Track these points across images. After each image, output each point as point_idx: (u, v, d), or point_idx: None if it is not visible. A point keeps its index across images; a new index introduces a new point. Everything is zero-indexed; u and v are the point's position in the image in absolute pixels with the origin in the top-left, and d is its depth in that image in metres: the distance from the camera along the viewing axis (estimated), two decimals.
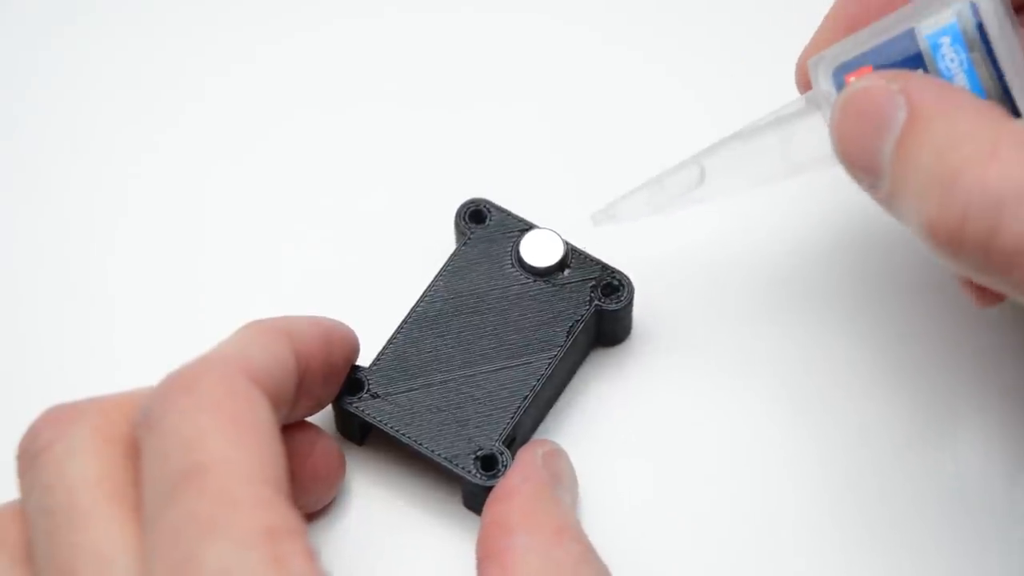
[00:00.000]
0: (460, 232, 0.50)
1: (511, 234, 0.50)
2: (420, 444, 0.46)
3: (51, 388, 0.46)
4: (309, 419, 0.47)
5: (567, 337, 0.48)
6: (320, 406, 0.47)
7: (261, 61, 0.56)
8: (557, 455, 0.47)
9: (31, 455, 0.40)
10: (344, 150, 0.55)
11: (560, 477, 0.47)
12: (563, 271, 0.49)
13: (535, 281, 0.49)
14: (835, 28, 0.45)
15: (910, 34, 0.41)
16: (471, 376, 0.47)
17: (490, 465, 0.46)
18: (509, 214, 0.50)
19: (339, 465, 0.47)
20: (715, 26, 0.57)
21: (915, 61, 0.41)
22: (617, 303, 0.49)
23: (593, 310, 0.48)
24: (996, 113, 0.40)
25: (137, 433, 0.40)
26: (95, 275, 0.52)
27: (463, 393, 0.47)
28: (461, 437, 0.47)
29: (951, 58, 0.41)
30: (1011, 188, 0.38)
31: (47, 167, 0.54)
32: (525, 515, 0.44)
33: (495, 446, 0.46)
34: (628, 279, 0.49)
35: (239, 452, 0.38)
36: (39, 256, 0.53)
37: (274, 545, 0.37)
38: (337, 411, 0.48)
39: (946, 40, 0.41)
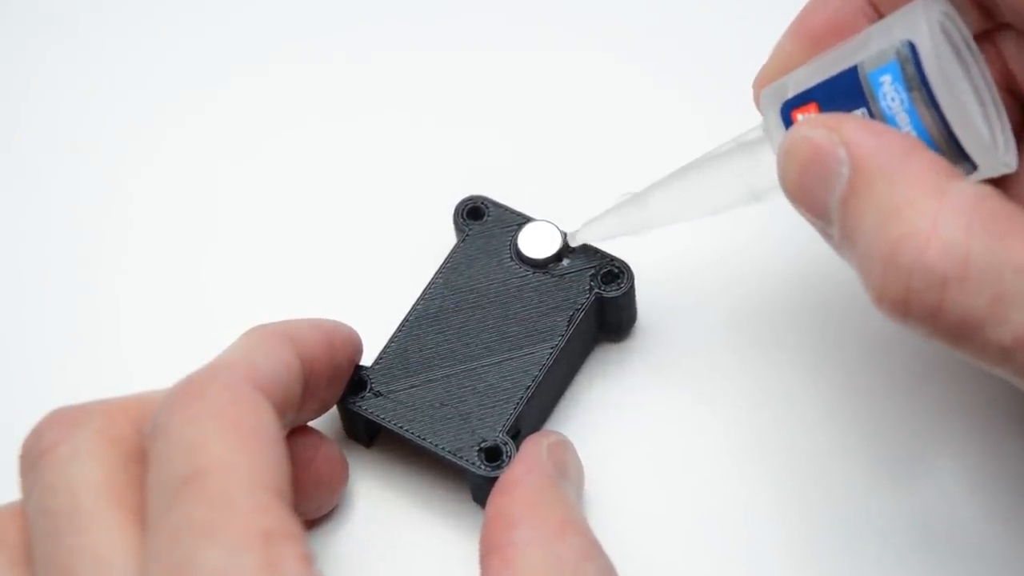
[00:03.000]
0: (459, 229, 0.50)
1: (509, 228, 0.49)
2: (424, 439, 0.46)
3: (55, 389, 0.46)
4: (315, 424, 0.47)
5: (568, 326, 0.48)
6: (325, 408, 0.47)
7: (260, 66, 0.57)
8: (563, 446, 0.47)
9: (34, 456, 0.40)
10: (341, 153, 0.55)
11: (565, 469, 0.46)
12: (562, 261, 0.49)
13: (534, 273, 0.49)
14: (783, 59, 0.45)
15: (854, 72, 0.41)
16: (473, 369, 0.47)
17: (494, 456, 0.46)
18: (507, 209, 0.50)
19: (342, 471, 0.47)
20: (708, 26, 0.57)
21: (859, 98, 0.40)
22: (617, 290, 0.48)
23: (594, 298, 0.48)
24: (939, 171, 0.39)
25: (146, 443, 0.40)
26: (100, 277, 0.53)
27: (466, 387, 0.47)
28: (465, 430, 0.46)
29: (892, 98, 0.40)
30: (952, 266, 0.37)
31: (55, 170, 0.55)
32: (528, 508, 0.43)
33: (499, 437, 0.46)
34: (628, 266, 0.48)
35: (239, 457, 0.39)
36: (45, 257, 0.53)
37: (269, 549, 0.37)
38: (342, 412, 0.48)
39: (887, 79, 0.40)
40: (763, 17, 0.55)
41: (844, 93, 0.41)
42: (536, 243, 0.49)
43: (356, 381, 0.47)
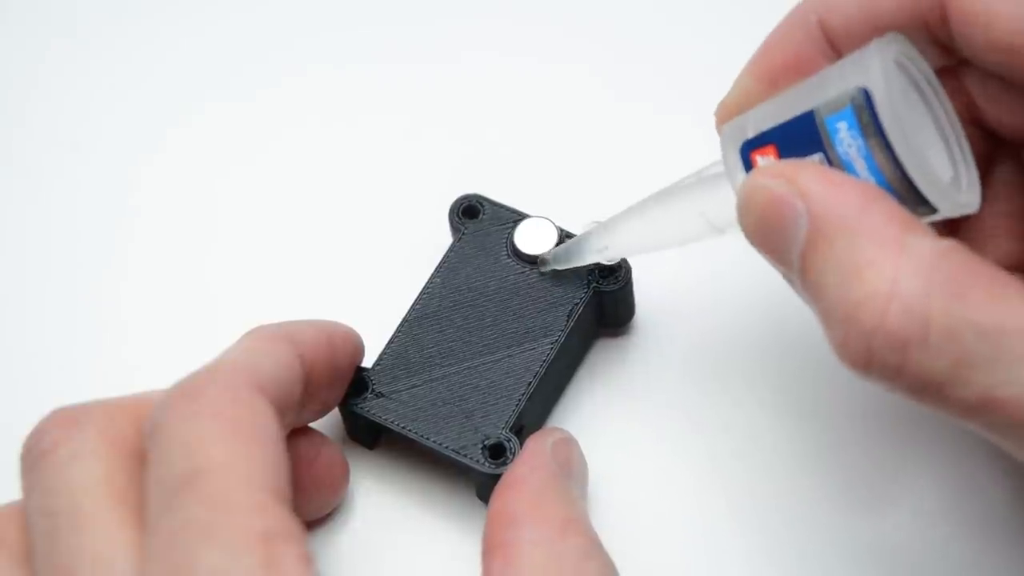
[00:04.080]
0: (455, 228, 0.50)
1: (505, 226, 0.49)
2: (428, 439, 0.46)
3: (56, 389, 0.46)
4: (317, 426, 0.47)
5: (568, 320, 0.48)
6: (327, 409, 0.47)
7: (260, 67, 0.57)
8: (567, 443, 0.47)
9: (35, 456, 0.40)
10: (338, 155, 0.55)
11: (569, 466, 0.46)
12: None
13: (532, 269, 0.49)
14: (742, 95, 0.45)
15: (810, 116, 0.40)
16: (474, 367, 0.47)
17: (498, 453, 0.46)
18: (502, 207, 0.50)
19: (343, 472, 0.47)
20: (706, 28, 0.57)
21: (816, 143, 0.40)
22: (615, 283, 0.48)
23: (592, 292, 0.48)
24: (898, 223, 0.38)
25: (145, 442, 0.40)
26: (101, 277, 0.53)
27: (467, 384, 0.47)
28: (468, 428, 0.46)
29: (848, 144, 0.39)
30: (913, 329, 0.37)
31: (57, 170, 0.55)
32: (531, 506, 0.43)
33: (502, 434, 0.46)
34: (625, 260, 0.49)
35: (238, 457, 0.39)
36: (47, 258, 0.53)
37: (268, 549, 0.37)
38: (344, 414, 0.48)
39: (843, 126, 0.39)
40: (763, 18, 0.56)
41: (801, 138, 0.40)
42: (533, 239, 0.49)
43: (358, 382, 0.47)
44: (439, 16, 0.57)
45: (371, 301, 0.50)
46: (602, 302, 0.49)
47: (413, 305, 0.48)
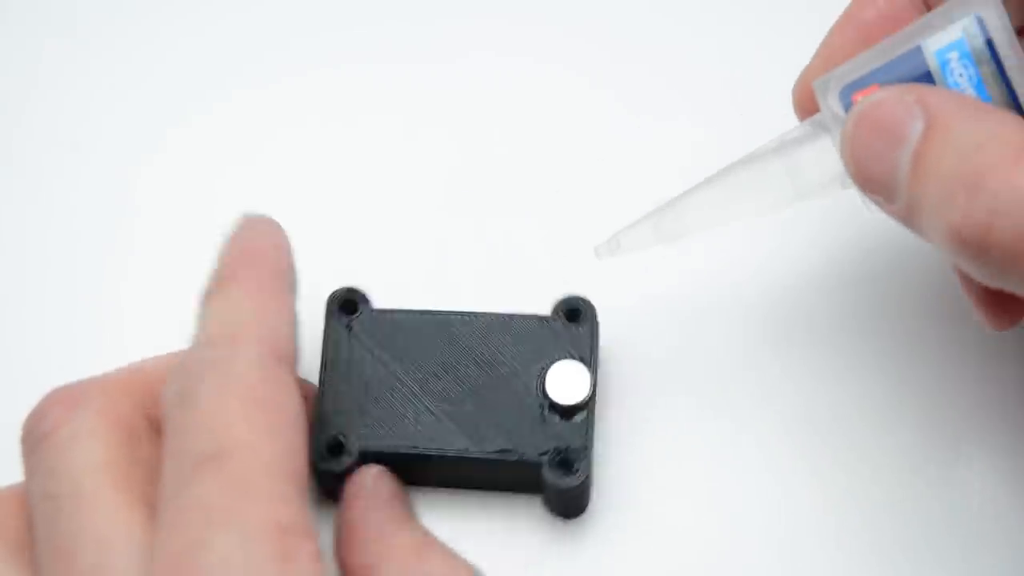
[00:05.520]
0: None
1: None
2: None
3: (54, 369, 0.46)
4: None
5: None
6: None
7: (258, 69, 0.56)
8: (383, 475, 0.45)
9: (35, 439, 0.40)
10: (337, 154, 0.55)
11: (396, 493, 0.45)
12: None
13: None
14: (831, 54, 0.44)
15: (917, 51, 0.41)
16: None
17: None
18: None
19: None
20: (700, 28, 0.57)
21: (924, 78, 0.41)
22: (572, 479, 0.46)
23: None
24: (1017, 118, 0.39)
25: (164, 408, 0.39)
26: (101, 276, 0.53)
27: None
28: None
29: (960, 73, 0.40)
30: None
31: (57, 169, 0.55)
32: (379, 545, 0.42)
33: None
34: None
35: (263, 441, 0.38)
36: (47, 256, 0.53)
37: (284, 542, 0.37)
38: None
39: (954, 56, 0.40)
40: (764, 18, 0.56)
41: (908, 73, 0.41)
42: (566, 387, 0.47)
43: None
44: (438, 16, 0.57)
45: (371, 299, 0.50)
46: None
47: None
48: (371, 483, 0.45)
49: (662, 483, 0.48)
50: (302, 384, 0.46)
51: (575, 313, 0.47)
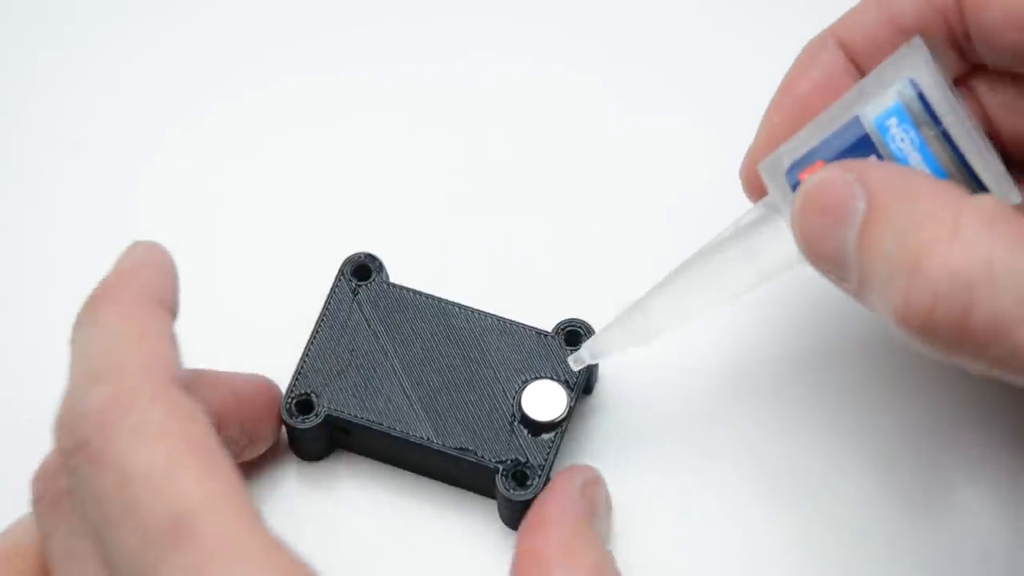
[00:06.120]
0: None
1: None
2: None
3: (55, 390, 0.45)
4: None
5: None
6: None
7: (259, 69, 0.57)
8: (596, 483, 0.46)
9: None
10: (338, 154, 0.55)
11: (596, 507, 0.46)
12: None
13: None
14: (773, 132, 0.44)
15: (856, 122, 0.40)
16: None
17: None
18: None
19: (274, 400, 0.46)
20: (701, 28, 0.57)
21: (866, 148, 0.40)
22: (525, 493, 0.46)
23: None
24: (955, 191, 0.38)
25: (69, 462, 0.35)
26: (101, 276, 0.52)
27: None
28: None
29: (901, 138, 0.40)
30: (978, 267, 0.37)
31: (57, 169, 0.55)
32: (561, 548, 0.43)
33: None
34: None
35: (216, 489, 0.35)
36: (47, 256, 0.53)
37: None
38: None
39: (893, 122, 0.40)
40: (763, 19, 0.56)
41: (850, 145, 0.40)
42: (542, 404, 0.47)
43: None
44: (438, 16, 0.57)
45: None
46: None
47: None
48: (579, 486, 0.45)
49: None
50: (255, 380, 0.46)
51: (575, 336, 0.48)
